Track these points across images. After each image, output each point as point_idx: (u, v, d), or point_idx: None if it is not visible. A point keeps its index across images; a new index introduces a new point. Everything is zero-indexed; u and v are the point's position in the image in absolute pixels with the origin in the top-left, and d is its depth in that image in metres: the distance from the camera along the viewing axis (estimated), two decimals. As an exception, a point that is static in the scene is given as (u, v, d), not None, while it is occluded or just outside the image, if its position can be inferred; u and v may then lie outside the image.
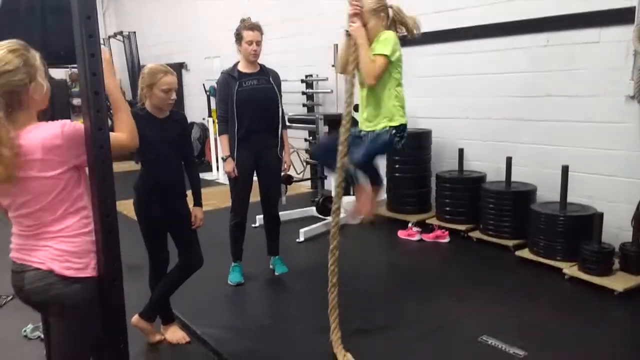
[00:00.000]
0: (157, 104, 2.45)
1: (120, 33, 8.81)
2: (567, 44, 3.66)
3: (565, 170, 3.39)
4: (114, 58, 7.59)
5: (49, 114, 1.59)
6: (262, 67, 3.40)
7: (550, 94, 3.83)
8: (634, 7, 3.25)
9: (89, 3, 1.30)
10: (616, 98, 3.44)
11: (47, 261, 1.44)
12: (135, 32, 8.72)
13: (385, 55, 2.33)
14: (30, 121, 1.44)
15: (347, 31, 2.38)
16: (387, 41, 2.35)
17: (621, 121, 3.45)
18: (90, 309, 1.50)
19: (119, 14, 10.19)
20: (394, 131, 2.42)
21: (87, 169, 1.49)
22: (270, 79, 3.37)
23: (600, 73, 3.51)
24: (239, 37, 3.29)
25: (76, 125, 1.45)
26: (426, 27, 4.58)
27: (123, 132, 1.55)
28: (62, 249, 1.45)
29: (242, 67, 3.33)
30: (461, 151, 4.21)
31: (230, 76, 3.30)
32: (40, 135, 1.40)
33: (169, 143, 2.49)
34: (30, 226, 1.46)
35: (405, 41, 4.85)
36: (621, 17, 3.32)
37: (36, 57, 1.46)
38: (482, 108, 4.30)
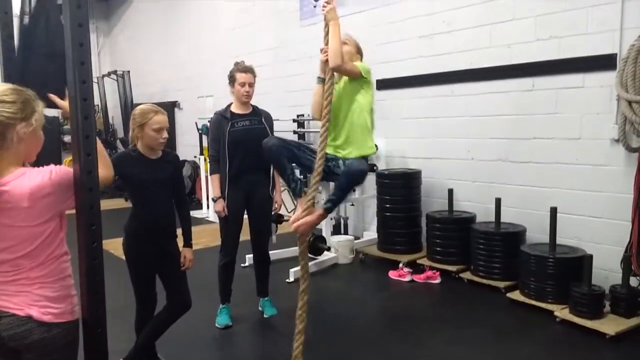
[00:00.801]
0: (149, 144, 2.46)
1: (115, 72, 8.92)
2: (552, 88, 3.76)
3: (553, 212, 3.42)
4: (108, 97, 7.68)
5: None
6: (255, 108, 3.44)
7: (536, 136, 3.90)
8: (616, 54, 3.36)
9: (83, 50, 1.32)
10: (601, 141, 3.52)
11: (25, 307, 1.40)
12: (129, 71, 8.84)
13: (359, 69, 2.44)
14: (15, 165, 1.40)
15: (319, 77, 2.41)
16: (363, 65, 2.51)
17: (607, 164, 3.51)
18: (70, 352, 1.46)
19: (113, 52, 10.36)
20: (364, 160, 2.46)
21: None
22: (263, 119, 3.41)
23: (586, 117, 3.60)
24: (232, 79, 3.35)
25: (63, 169, 1.44)
26: (414, 70, 4.77)
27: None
28: (41, 294, 1.42)
29: (234, 108, 3.37)
30: (451, 191, 4.24)
31: (223, 117, 3.33)
32: (28, 183, 1.37)
33: (160, 183, 2.49)
34: (8, 272, 1.42)
35: (394, 84, 4.98)
36: (604, 63, 3.44)
37: (39, 105, 1.45)
38: (470, 149, 4.37)
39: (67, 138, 8.40)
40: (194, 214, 6.66)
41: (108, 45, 10.39)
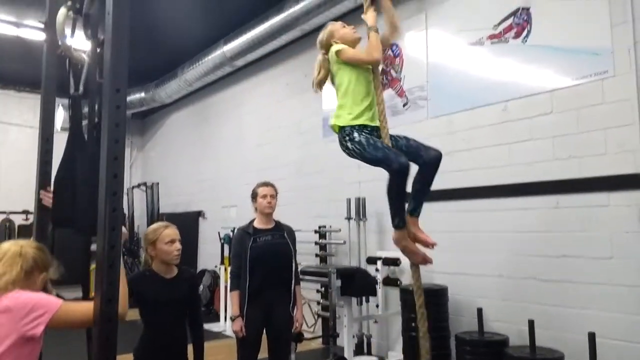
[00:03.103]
0: (164, 258, 2.46)
1: (144, 184, 9.28)
2: (577, 206, 3.73)
3: (592, 337, 3.20)
4: (135, 206, 7.84)
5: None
6: (277, 222, 3.47)
7: (566, 254, 3.79)
8: (639, 173, 3.36)
9: (117, 181, 1.38)
10: (634, 261, 3.39)
11: None
12: (158, 183, 9.18)
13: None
14: (14, 289, 1.59)
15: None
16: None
17: (643, 285, 3.35)
18: None
19: (145, 165, 10.86)
20: None
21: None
22: (285, 234, 3.42)
23: (615, 236, 3.51)
24: (254, 195, 3.43)
25: (22, 297, 1.56)
26: (436, 185, 4.80)
27: None
28: None
29: (257, 223, 3.41)
30: (480, 311, 4.05)
31: (246, 232, 3.36)
32: None
33: (175, 304, 2.45)
34: None
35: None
36: (628, 182, 3.42)
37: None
38: (498, 266, 4.25)
39: (93, 247, 8.52)
40: (211, 327, 6.45)
41: (140, 159, 10.93)
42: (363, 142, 2.39)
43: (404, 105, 5.22)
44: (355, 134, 2.41)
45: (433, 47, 4.92)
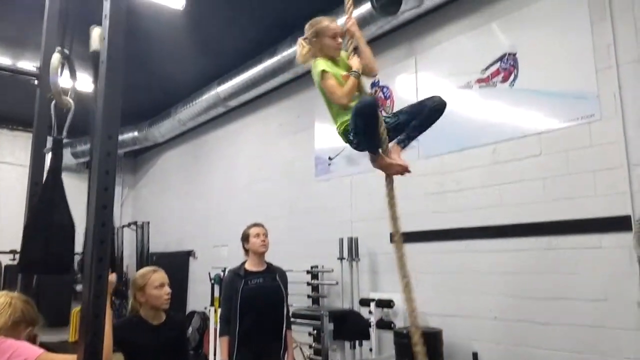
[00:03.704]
0: (154, 303, 2.42)
1: (135, 223, 9.19)
2: (569, 248, 3.72)
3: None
4: (125, 245, 7.76)
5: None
6: (269, 265, 3.43)
7: (560, 297, 3.75)
8: (629, 215, 3.38)
9: (105, 229, 1.37)
10: (627, 304, 3.36)
11: None
12: (149, 222, 9.09)
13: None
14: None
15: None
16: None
17: (637, 328, 3.31)
18: None
19: (136, 203, 10.78)
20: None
21: None
22: (277, 276, 3.38)
23: (607, 278, 3.50)
24: (245, 237, 3.40)
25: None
26: (428, 225, 4.82)
27: None
28: None
29: (249, 266, 3.37)
30: (475, 355, 3.97)
31: (237, 274, 3.32)
32: None
33: (163, 351, 2.38)
34: None
35: (409, 238, 4.99)
36: (619, 224, 3.44)
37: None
38: (492, 308, 4.19)
39: (79, 287, 8.35)
40: (200, 372, 6.26)
41: (132, 197, 10.86)
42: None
43: (395, 146, 5.26)
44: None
45: (423, 90, 5.01)
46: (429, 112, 2.48)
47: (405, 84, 5.19)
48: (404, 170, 2.47)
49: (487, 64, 4.44)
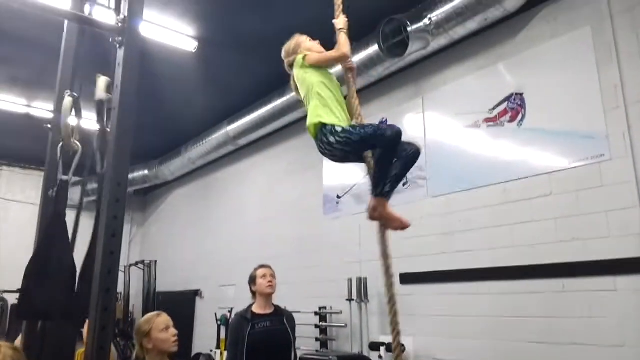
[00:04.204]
0: (162, 347, 2.37)
1: (142, 262, 9.15)
2: (583, 290, 3.63)
3: None
4: (132, 284, 7.69)
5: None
6: (277, 307, 3.38)
7: (575, 342, 3.63)
8: (644, 257, 3.31)
9: (111, 277, 1.35)
10: (647, 350, 3.25)
11: None
12: (156, 261, 9.06)
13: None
14: None
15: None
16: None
17: (660, 375, 3.19)
18: None
19: (144, 241, 10.77)
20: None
21: None
22: (285, 320, 3.32)
23: (624, 322, 3.39)
24: (252, 279, 3.37)
25: None
26: (437, 266, 4.75)
27: None
28: None
29: (256, 308, 3.32)
30: (489, 403, 3.83)
31: (244, 318, 3.26)
32: None
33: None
34: None
35: (418, 278, 4.92)
36: (634, 266, 3.36)
37: None
38: (502, 353, 4.05)
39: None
40: (205, 417, 6.08)
41: (140, 235, 10.86)
42: (347, 129, 2.29)
43: (403, 185, 5.25)
44: (338, 128, 2.29)
45: (431, 129, 5.05)
46: (409, 161, 2.34)
47: (413, 123, 5.22)
48: (405, 226, 2.37)
49: (495, 104, 4.47)
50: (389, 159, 2.26)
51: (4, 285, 8.33)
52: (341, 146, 2.27)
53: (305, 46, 2.60)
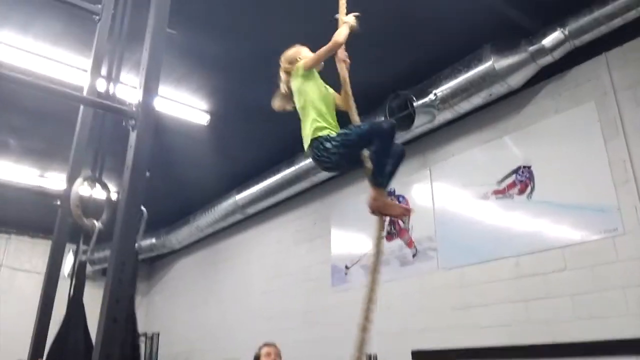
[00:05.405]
0: None
1: (145, 334, 8.91)
2: (606, 372, 3.45)
3: None
4: None
5: None
6: (282, 389, 3.23)
7: None
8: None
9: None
10: None
11: None
12: (159, 334, 8.82)
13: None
14: None
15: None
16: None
17: None
18: None
19: (148, 313, 10.53)
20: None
21: None
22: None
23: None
24: (257, 359, 3.28)
25: None
26: (451, 343, 4.55)
27: None
28: None
29: (260, 391, 3.17)
30: None
31: (247, 400, 3.11)
32: None
33: None
34: None
35: (433, 357, 4.68)
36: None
37: None
38: None
39: None
40: None
41: (145, 304, 10.65)
42: (343, 132, 2.35)
43: (413, 256, 5.17)
44: (333, 134, 2.36)
45: (439, 200, 5.03)
46: (399, 156, 2.39)
47: (421, 194, 5.22)
48: (407, 212, 2.42)
49: (502, 176, 4.47)
50: (386, 149, 2.32)
51: (4, 356, 8.10)
52: (337, 149, 2.33)
53: (303, 55, 2.65)
